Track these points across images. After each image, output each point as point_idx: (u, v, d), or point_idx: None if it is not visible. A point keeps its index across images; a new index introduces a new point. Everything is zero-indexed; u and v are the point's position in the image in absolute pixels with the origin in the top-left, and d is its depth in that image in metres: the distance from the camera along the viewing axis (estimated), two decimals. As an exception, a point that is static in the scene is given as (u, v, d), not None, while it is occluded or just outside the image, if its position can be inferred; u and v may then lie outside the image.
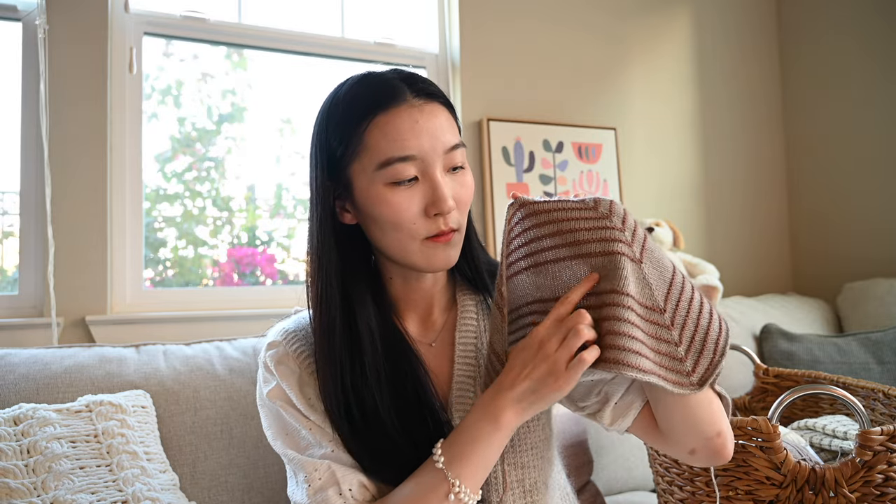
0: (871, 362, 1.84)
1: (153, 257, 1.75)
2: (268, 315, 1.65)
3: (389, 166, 0.72)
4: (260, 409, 0.81)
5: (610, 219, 0.67)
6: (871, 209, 2.30)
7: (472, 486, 0.68)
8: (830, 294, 2.33)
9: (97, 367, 1.17)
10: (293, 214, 1.94)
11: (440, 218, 0.74)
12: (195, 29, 1.74)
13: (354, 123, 0.74)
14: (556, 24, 2.18)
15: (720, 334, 0.68)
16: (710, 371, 0.66)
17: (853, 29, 2.36)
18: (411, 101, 0.73)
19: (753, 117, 2.56)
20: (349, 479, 0.72)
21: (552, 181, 2.11)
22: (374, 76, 0.77)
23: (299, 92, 1.93)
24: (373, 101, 0.74)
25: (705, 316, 0.68)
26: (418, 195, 0.73)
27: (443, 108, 0.76)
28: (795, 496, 0.96)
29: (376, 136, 0.73)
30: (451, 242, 0.76)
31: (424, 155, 0.73)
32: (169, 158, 1.79)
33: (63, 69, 1.52)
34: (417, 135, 0.72)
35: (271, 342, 0.81)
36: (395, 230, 0.74)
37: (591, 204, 0.67)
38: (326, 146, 0.77)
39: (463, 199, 0.77)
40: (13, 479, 0.89)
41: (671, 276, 0.69)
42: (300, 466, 0.74)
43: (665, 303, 0.67)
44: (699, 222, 2.41)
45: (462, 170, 0.77)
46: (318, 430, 0.75)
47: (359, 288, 0.78)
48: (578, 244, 0.67)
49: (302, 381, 0.77)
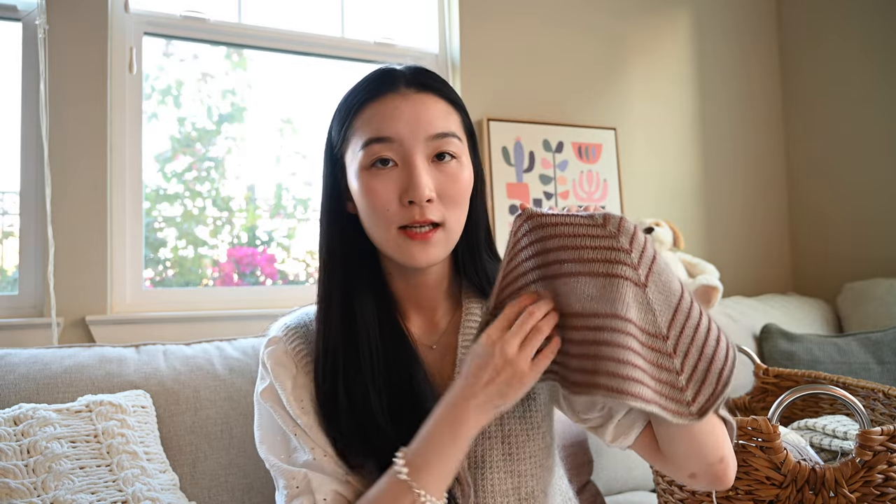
0: (871, 362, 1.84)
1: (153, 257, 1.75)
2: (268, 315, 1.66)
3: (367, 147, 0.73)
4: (254, 406, 0.81)
5: (617, 238, 0.64)
6: (872, 209, 2.30)
7: (436, 493, 0.66)
8: (830, 294, 2.33)
9: (97, 367, 1.17)
10: (293, 214, 1.94)
11: (416, 207, 0.72)
12: (195, 29, 1.74)
13: (347, 111, 0.76)
14: (557, 24, 2.18)
15: (725, 363, 0.65)
16: (712, 402, 0.64)
17: (853, 29, 2.36)
18: (401, 91, 0.74)
19: (753, 117, 2.56)
20: (324, 488, 0.71)
21: (552, 181, 2.11)
22: (381, 71, 0.77)
23: (299, 92, 1.93)
24: (366, 91, 0.75)
25: (711, 343, 0.66)
26: (395, 180, 0.73)
27: (437, 98, 0.75)
28: (795, 496, 0.96)
29: (362, 120, 0.74)
30: (429, 240, 0.73)
31: (402, 139, 0.72)
32: (169, 158, 1.79)
33: (63, 69, 1.52)
34: (397, 118, 0.72)
35: (271, 338, 0.80)
36: (374, 216, 0.74)
37: (599, 221, 0.65)
38: (329, 136, 0.81)
39: (449, 193, 0.74)
40: (13, 479, 0.89)
41: (678, 301, 0.66)
42: (280, 473, 0.74)
43: (668, 329, 0.65)
44: (699, 222, 2.41)
45: (453, 161, 0.75)
46: (303, 435, 0.74)
47: (360, 282, 0.78)
48: (584, 262, 0.65)
49: (297, 382, 0.76)
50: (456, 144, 0.75)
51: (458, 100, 0.79)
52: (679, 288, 0.67)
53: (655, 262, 0.66)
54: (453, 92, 0.79)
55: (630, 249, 0.64)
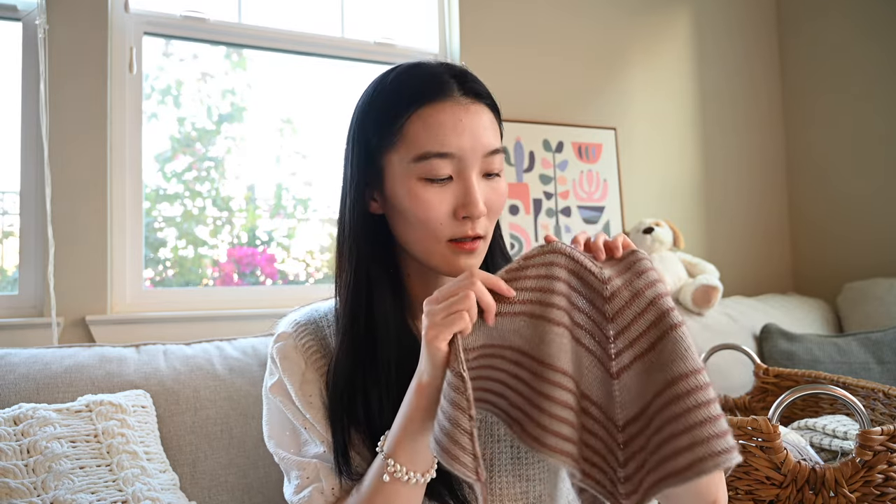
0: (871, 362, 1.84)
1: (153, 257, 1.75)
2: (268, 315, 1.66)
3: (426, 161, 0.70)
4: (263, 401, 0.82)
5: (610, 302, 0.61)
6: (872, 209, 2.30)
7: (408, 463, 0.66)
8: (830, 294, 2.33)
9: (97, 366, 1.17)
10: (293, 214, 1.94)
11: (468, 222, 0.71)
12: (195, 29, 1.74)
13: (396, 112, 0.72)
14: (557, 23, 2.17)
15: (685, 470, 0.53)
16: (646, 497, 0.57)
17: (854, 28, 2.36)
18: (457, 98, 0.72)
19: (754, 117, 2.56)
20: (332, 478, 0.73)
21: (552, 181, 2.11)
22: (424, 67, 0.75)
23: (299, 92, 1.93)
24: (418, 92, 0.72)
25: (682, 462, 0.53)
26: (450, 195, 0.71)
27: (488, 109, 0.75)
28: (795, 496, 0.96)
29: (417, 128, 0.71)
30: (475, 251, 0.73)
31: (463, 154, 0.71)
32: (169, 158, 1.79)
33: (63, 69, 1.52)
34: (459, 133, 0.70)
35: (281, 333, 0.81)
36: (421, 227, 0.72)
37: (604, 277, 0.62)
38: (364, 132, 0.75)
39: (494, 207, 0.74)
40: (13, 478, 0.89)
41: (650, 399, 0.58)
42: (291, 465, 0.75)
43: (626, 425, 0.59)
44: (699, 222, 2.41)
45: (498, 177, 0.75)
46: (312, 429, 0.75)
47: (380, 281, 0.77)
48: (573, 311, 0.63)
49: (305, 378, 0.77)
50: (501, 160, 0.75)
51: (497, 105, 0.78)
52: (670, 376, 0.56)
53: (650, 353, 0.59)
54: (493, 97, 0.78)
55: (613, 320, 0.61)
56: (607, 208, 2.19)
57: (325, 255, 1.97)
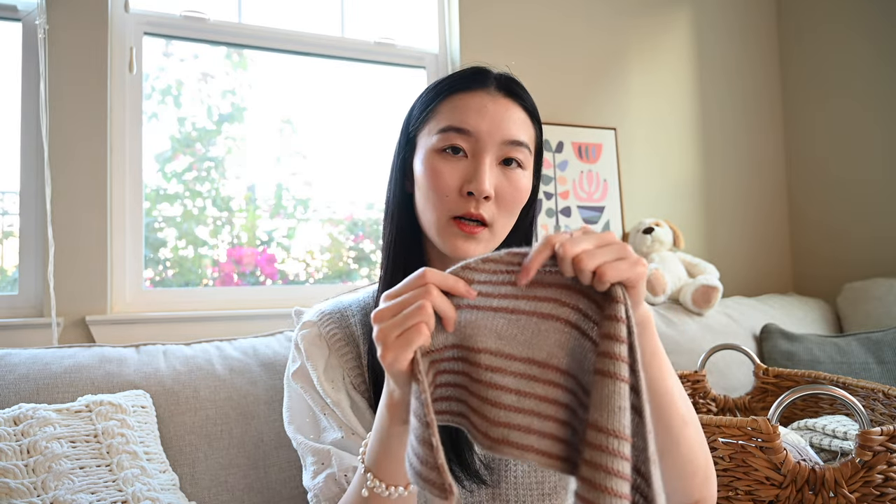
0: (871, 362, 1.84)
1: (153, 257, 1.75)
2: (268, 315, 1.66)
3: (444, 133, 0.75)
4: (284, 388, 0.83)
5: (612, 306, 0.50)
6: (872, 209, 2.30)
7: (388, 478, 0.61)
8: (830, 294, 2.33)
9: (97, 367, 1.17)
10: (293, 214, 1.94)
11: (472, 200, 0.73)
12: (195, 29, 1.74)
13: (434, 95, 0.79)
14: (557, 24, 2.17)
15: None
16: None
17: (854, 29, 2.36)
18: (490, 90, 0.77)
19: (753, 117, 2.56)
20: (347, 465, 0.74)
21: (552, 181, 2.11)
22: (476, 67, 0.81)
23: (299, 92, 1.93)
24: (457, 81, 0.78)
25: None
26: (461, 170, 0.74)
27: (521, 108, 0.78)
28: (795, 496, 0.96)
29: (446, 107, 0.77)
30: (475, 236, 0.74)
31: (480, 135, 0.74)
32: (169, 158, 1.79)
33: (63, 69, 1.52)
34: (482, 116, 0.75)
35: (305, 322, 0.83)
36: (430, 198, 0.75)
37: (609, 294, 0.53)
38: (409, 116, 0.83)
39: (506, 197, 0.75)
40: (13, 479, 0.89)
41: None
42: (307, 451, 0.77)
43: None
44: (699, 222, 2.41)
45: (518, 168, 0.77)
46: (332, 415, 0.77)
47: (411, 260, 0.80)
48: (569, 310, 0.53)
49: (329, 364, 0.79)
50: (525, 154, 0.77)
51: (537, 114, 0.81)
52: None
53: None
54: (535, 106, 0.82)
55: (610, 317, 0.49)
56: (607, 208, 2.19)
57: (325, 256, 1.97)
